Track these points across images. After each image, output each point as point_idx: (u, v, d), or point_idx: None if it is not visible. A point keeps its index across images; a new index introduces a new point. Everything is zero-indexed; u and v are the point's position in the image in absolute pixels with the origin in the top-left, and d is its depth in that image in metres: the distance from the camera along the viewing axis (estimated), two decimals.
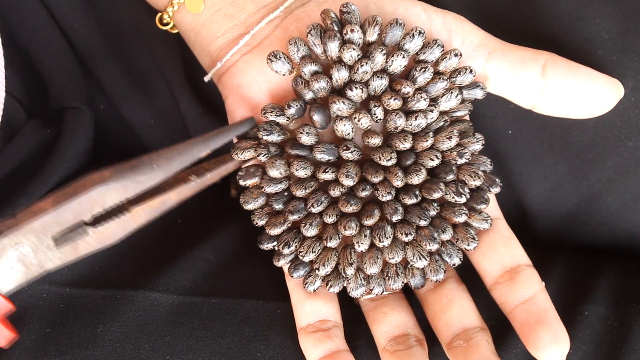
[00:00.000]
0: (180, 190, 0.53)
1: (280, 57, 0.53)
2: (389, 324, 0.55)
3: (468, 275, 0.56)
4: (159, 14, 0.60)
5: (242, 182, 0.55)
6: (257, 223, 0.56)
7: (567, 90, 0.53)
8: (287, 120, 0.54)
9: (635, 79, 0.56)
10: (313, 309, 0.56)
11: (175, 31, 0.61)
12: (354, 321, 0.57)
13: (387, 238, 0.52)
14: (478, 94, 0.54)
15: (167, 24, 0.60)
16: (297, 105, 0.53)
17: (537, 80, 0.54)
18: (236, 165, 0.55)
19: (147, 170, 0.51)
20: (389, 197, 0.53)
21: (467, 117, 0.56)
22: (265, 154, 0.54)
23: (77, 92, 0.65)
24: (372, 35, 0.52)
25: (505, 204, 0.59)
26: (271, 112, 0.54)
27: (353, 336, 0.56)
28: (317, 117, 0.53)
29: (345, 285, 0.55)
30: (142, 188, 0.52)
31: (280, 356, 0.56)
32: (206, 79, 0.59)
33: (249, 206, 0.55)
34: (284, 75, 0.54)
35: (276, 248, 0.55)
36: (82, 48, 0.67)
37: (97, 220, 0.51)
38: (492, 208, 0.56)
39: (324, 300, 0.56)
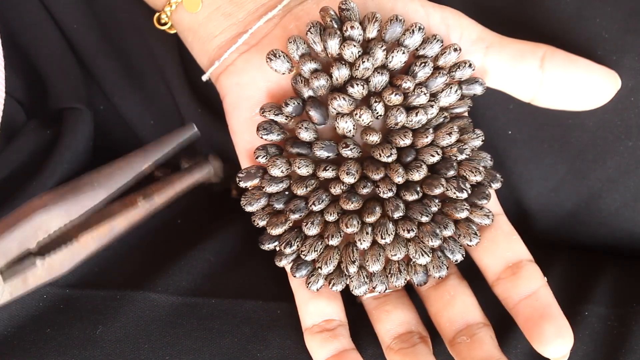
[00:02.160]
0: (128, 215, 0.51)
1: (279, 56, 0.53)
2: (393, 322, 0.55)
3: (468, 275, 0.56)
4: (157, 14, 0.60)
5: (242, 184, 0.55)
6: (257, 224, 0.56)
7: (565, 82, 0.54)
8: (286, 119, 0.54)
9: (635, 79, 0.56)
10: (317, 308, 0.55)
11: (173, 31, 0.61)
12: (356, 320, 0.57)
13: (389, 235, 0.52)
14: (477, 89, 0.54)
15: (165, 24, 0.60)
16: (294, 103, 0.53)
17: (536, 72, 0.54)
18: (184, 185, 0.54)
19: (88, 190, 0.49)
20: (390, 194, 0.53)
21: (466, 114, 0.56)
22: (264, 156, 0.54)
23: (76, 93, 0.65)
24: (372, 32, 0.52)
25: (505, 204, 0.58)
26: (270, 111, 0.54)
27: (356, 335, 0.56)
28: (313, 113, 0.53)
29: (348, 283, 0.54)
30: (84, 209, 0.49)
31: (280, 356, 0.56)
32: (204, 78, 0.58)
33: (250, 208, 0.55)
34: (283, 73, 0.54)
35: (278, 248, 0.55)
36: (82, 49, 0.67)
37: (45, 249, 0.49)
38: (493, 204, 0.56)
39: (327, 299, 0.56)
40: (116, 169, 0.50)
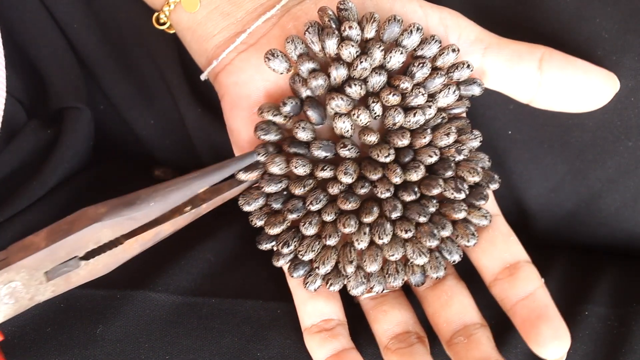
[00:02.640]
0: (174, 221, 0.52)
1: (277, 55, 0.53)
2: (390, 322, 0.55)
3: (466, 277, 0.56)
4: (156, 14, 0.60)
5: (242, 177, 0.54)
6: (255, 224, 0.56)
7: (564, 84, 0.54)
8: (284, 119, 0.54)
9: (635, 79, 0.56)
10: (316, 309, 0.55)
11: (172, 31, 0.61)
12: (356, 319, 0.57)
13: (386, 235, 0.52)
14: (475, 90, 0.54)
15: (163, 24, 0.60)
16: (292, 103, 0.53)
17: (534, 73, 0.54)
18: (232, 195, 0.55)
19: (144, 207, 0.50)
20: (387, 194, 0.53)
21: (465, 115, 0.56)
22: (264, 154, 0.54)
23: (77, 92, 0.66)
24: (370, 32, 0.52)
25: (505, 205, 0.58)
26: (268, 111, 0.54)
27: (356, 334, 0.56)
28: (311, 113, 0.53)
29: (345, 283, 0.54)
30: (137, 225, 0.51)
31: (280, 356, 0.56)
32: (202, 77, 0.59)
33: (248, 207, 0.55)
34: (281, 73, 0.54)
35: (275, 248, 0.55)
36: (82, 48, 0.67)
37: (90, 254, 0.50)
38: (491, 205, 0.56)
39: (326, 299, 0.56)
40: (173, 189, 0.51)
